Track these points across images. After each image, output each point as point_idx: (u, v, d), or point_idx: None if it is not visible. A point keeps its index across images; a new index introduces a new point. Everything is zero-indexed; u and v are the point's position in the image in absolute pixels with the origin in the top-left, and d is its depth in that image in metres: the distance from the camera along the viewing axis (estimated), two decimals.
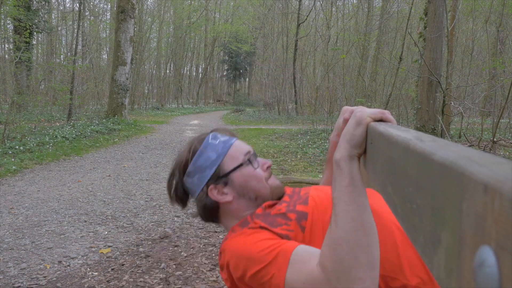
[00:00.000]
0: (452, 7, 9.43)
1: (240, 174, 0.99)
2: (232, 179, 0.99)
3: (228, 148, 1.01)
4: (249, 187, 0.99)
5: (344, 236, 0.66)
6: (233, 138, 1.04)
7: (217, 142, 1.01)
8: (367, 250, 0.66)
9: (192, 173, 1.01)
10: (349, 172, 0.66)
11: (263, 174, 1.01)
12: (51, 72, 15.47)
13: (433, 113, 7.74)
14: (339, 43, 19.97)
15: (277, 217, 0.94)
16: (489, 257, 0.19)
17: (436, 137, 0.34)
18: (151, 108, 23.40)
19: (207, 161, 1.00)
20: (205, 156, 1.00)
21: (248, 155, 1.01)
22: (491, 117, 9.63)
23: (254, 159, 1.02)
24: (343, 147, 0.67)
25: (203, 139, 1.03)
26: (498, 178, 0.19)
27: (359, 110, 0.68)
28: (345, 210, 0.66)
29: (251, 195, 1.00)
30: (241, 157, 1.00)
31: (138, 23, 19.95)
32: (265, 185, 1.00)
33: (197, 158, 1.01)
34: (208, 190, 1.00)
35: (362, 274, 0.65)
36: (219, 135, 1.04)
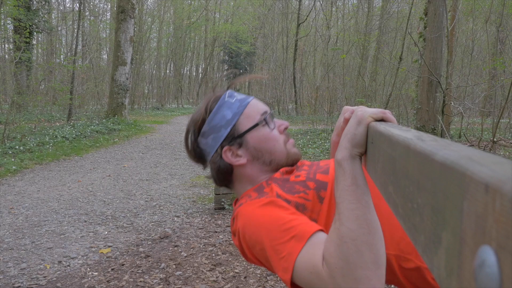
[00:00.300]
0: (452, 7, 9.44)
1: (255, 134, 0.95)
2: (247, 140, 0.95)
3: (245, 107, 0.96)
4: (264, 149, 0.96)
5: (349, 234, 0.65)
6: (250, 97, 1.00)
7: (233, 101, 0.97)
8: (372, 248, 0.65)
9: (207, 133, 0.98)
10: (351, 172, 0.66)
11: (280, 136, 0.98)
12: (51, 72, 15.47)
13: (433, 113, 7.74)
14: (339, 43, 19.98)
15: (295, 184, 0.91)
16: (489, 257, 0.19)
17: (437, 137, 0.34)
18: (151, 108, 23.40)
19: (222, 120, 0.96)
20: (221, 115, 0.96)
21: (265, 115, 0.97)
22: (491, 117, 9.64)
23: (271, 120, 0.98)
24: (345, 146, 0.66)
25: (219, 97, 0.99)
26: (499, 178, 0.19)
27: (360, 110, 0.67)
28: (349, 208, 0.66)
29: (266, 158, 0.96)
30: (258, 116, 0.96)
31: (138, 23, 19.95)
32: (282, 147, 0.97)
33: (212, 116, 0.97)
34: (223, 152, 0.96)
35: (368, 273, 0.64)
36: (235, 93, 1.00)
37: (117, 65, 11.96)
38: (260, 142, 0.95)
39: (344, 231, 0.65)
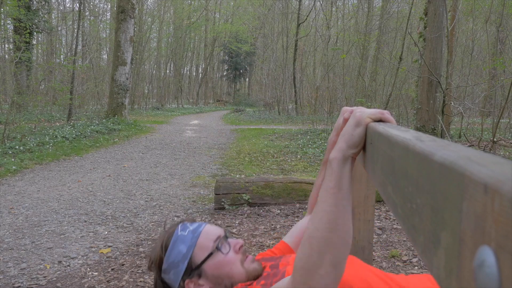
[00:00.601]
0: (452, 7, 9.44)
1: (211, 263, 0.98)
2: (205, 270, 0.99)
3: (197, 238, 1.00)
4: (223, 274, 0.98)
5: (316, 234, 0.68)
6: (202, 224, 1.03)
7: (186, 233, 1.01)
8: (334, 250, 0.67)
9: (167, 270, 1.01)
10: (338, 174, 0.67)
11: (235, 257, 0.99)
12: (51, 72, 15.48)
13: (433, 113, 7.74)
14: (339, 43, 19.98)
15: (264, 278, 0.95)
16: (489, 257, 0.19)
17: (436, 137, 0.34)
18: (151, 108, 23.41)
19: (178, 255, 0.99)
20: (176, 251, 1.00)
21: (218, 241, 1.00)
22: (491, 117, 9.64)
23: (225, 243, 1.00)
24: (339, 147, 0.67)
25: (172, 232, 1.03)
26: (498, 178, 0.18)
27: (358, 111, 0.68)
28: (324, 210, 0.68)
29: (227, 282, 0.99)
30: (211, 244, 0.99)
31: (138, 23, 19.95)
32: (239, 268, 0.99)
33: (169, 253, 1.01)
34: (185, 285, 1.00)
35: (323, 272, 0.67)
36: (188, 224, 1.04)
37: (117, 65, 11.96)
38: (217, 269, 0.98)
39: (312, 231, 0.69)
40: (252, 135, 10.58)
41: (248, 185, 3.83)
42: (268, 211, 3.68)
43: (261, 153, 7.29)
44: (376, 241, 2.98)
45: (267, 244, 2.94)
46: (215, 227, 1.04)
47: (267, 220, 3.46)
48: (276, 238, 3.06)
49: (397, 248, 2.84)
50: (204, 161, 6.61)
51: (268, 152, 7.48)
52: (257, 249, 2.85)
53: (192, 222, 1.06)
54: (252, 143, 8.76)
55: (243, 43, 34.22)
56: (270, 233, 3.16)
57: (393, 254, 2.69)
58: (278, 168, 5.95)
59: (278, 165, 6.15)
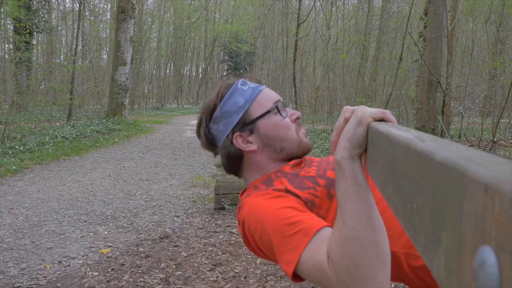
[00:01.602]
0: (452, 7, 9.44)
1: (267, 121, 0.95)
2: (259, 126, 0.95)
3: (257, 94, 0.97)
4: (276, 136, 0.96)
5: (353, 233, 0.65)
6: (263, 86, 1.01)
7: (246, 88, 0.98)
8: (377, 246, 0.65)
9: (218, 119, 0.98)
10: (351, 171, 0.65)
11: (291, 124, 0.97)
12: (51, 72, 15.48)
13: (433, 113, 7.74)
14: (339, 43, 19.99)
15: (305, 179, 0.91)
16: (489, 257, 0.19)
17: (437, 137, 0.34)
18: (151, 108, 23.40)
19: (234, 106, 0.96)
20: (233, 101, 0.96)
21: (278, 103, 0.97)
22: (491, 117, 9.64)
23: (283, 108, 0.98)
24: (344, 146, 0.66)
25: (231, 84, 0.99)
26: (498, 178, 0.19)
27: (360, 110, 0.67)
28: (351, 208, 0.65)
29: (277, 145, 0.96)
30: (270, 104, 0.96)
31: (138, 23, 19.95)
32: (294, 135, 0.97)
33: (224, 102, 0.97)
34: (233, 137, 0.96)
35: (374, 270, 0.64)
36: (248, 82, 1.00)
37: (117, 65, 11.96)
38: (271, 129, 0.95)
39: (348, 231, 0.65)
40: None
41: None
42: None
43: None
44: None
45: None
46: (274, 93, 1.00)
47: None
48: None
49: None
50: (204, 161, 6.61)
51: None
52: None
53: (253, 82, 1.02)
54: None
55: (243, 43, 34.20)
56: None
57: None
58: None
59: None
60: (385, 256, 0.66)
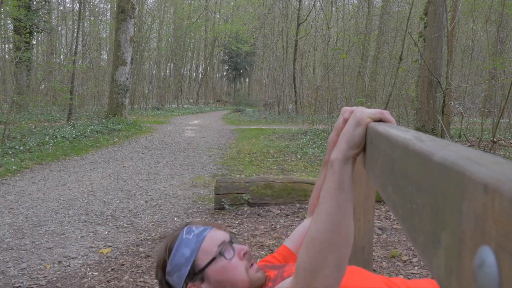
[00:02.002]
0: (452, 7, 9.43)
1: (214, 268, 0.97)
2: (208, 274, 0.98)
3: (201, 242, 0.99)
4: (225, 280, 0.97)
5: (319, 235, 0.68)
6: (207, 229, 1.02)
7: (191, 237, 1.00)
8: (337, 251, 0.68)
9: (171, 272, 1.01)
10: (340, 175, 0.67)
11: (239, 263, 0.98)
12: (51, 72, 15.48)
13: (433, 113, 7.74)
14: (339, 43, 19.98)
15: None
16: (489, 257, 0.19)
17: (436, 137, 0.34)
18: (151, 108, 23.41)
19: (182, 259, 0.99)
20: (180, 254, 0.99)
21: (222, 246, 0.98)
22: (491, 117, 9.63)
23: (229, 248, 0.99)
24: (341, 147, 0.67)
25: (177, 235, 1.03)
26: (498, 178, 0.18)
27: (359, 111, 0.67)
28: (327, 212, 0.68)
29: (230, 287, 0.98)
30: (214, 249, 0.98)
31: (138, 23, 19.95)
32: (243, 276, 0.97)
33: (173, 256, 1.00)
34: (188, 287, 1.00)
35: (327, 272, 0.67)
36: (193, 228, 1.03)
37: (117, 65, 11.96)
38: (219, 274, 0.97)
39: (315, 232, 0.69)
40: (252, 135, 10.58)
41: (248, 185, 3.83)
42: (268, 211, 3.68)
43: (261, 153, 7.29)
44: (376, 241, 2.98)
45: (267, 244, 2.94)
46: (221, 232, 1.03)
47: (267, 220, 3.46)
48: (276, 238, 3.06)
49: (397, 248, 2.84)
50: (204, 161, 6.61)
51: (268, 152, 7.48)
52: (257, 249, 2.85)
53: (198, 226, 1.05)
54: (252, 143, 8.76)
55: (243, 43, 34.23)
56: (270, 233, 3.16)
57: (393, 254, 2.69)
58: (278, 168, 5.94)
59: (278, 165, 6.15)
60: (342, 262, 0.69)
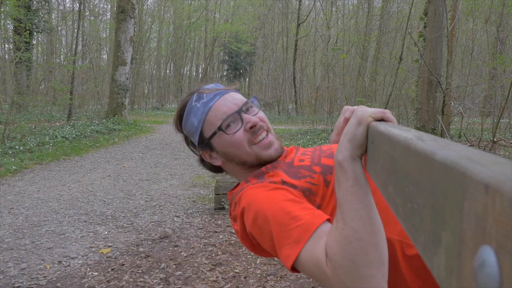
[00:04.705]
0: (452, 7, 9.43)
1: (218, 140, 0.95)
2: (214, 145, 0.96)
3: (207, 113, 0.95)
4: (230, 153, 0.95)
5: (354, 234, 0.66)
6: (216, 97, 0.96)
7: (199, 105, 0.97)
8: (377, 247, 0.66)
9: (188, 136, 1.01)
10: (353, 172, 0.66)
11: (243, 138, 0.93)
12: (51, 72, 15.48)
13: (433, 113, 7.74)
14: (339, 43, 19.99)
15: (300, 168, 0.90)
16: (489, 257, 0.19)
17: (437, 137, 0.34)
18: (151, 108, 23.41)
19: (192, 127, 0.98)
20: (190, 123, 0.98)
21: (228, 119, 0.93)
22: (491, 117, 9.63)
23: (236, 120, 0.94)
24: (345, 147, 0.67)
25: (186, 102, 0.99)
26: (498, 178, 0.19)
27: (360, 110, 0.67)
28: (353, 209, 0.66)
29: (237, 159, 0.96)
30: (218, 122, 0.94)
31: (138, 23, 19.95)
32: (247, 151, 0.94)
33: (184, 124, 0.99)
34: (201, 154, 1.00)
35: (373, 271, 0.65)
36: (204, 94, 0.98)
37: (117, 65, 11.96)
38: (224, 147, 0.96)
39: (349, 232, 0.66)
40: None
41: None
42: None
43: None
44: None
45: None
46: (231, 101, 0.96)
47: None
48: None
49: None
50: None
51: None
52: None
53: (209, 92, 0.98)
54: None
55: (243, 43, 34.20)
56: None
57: None
58: None
59: None
60: (383, 257, 0.67)
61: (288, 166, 0.92)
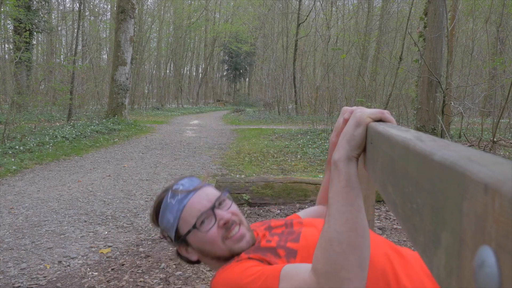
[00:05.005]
0: (452, 7, 9.43)
1: (193, 238, 0.98)
2: (189, 242, 0.99)
3: (181, 210, 0.98)
4: (205, 249, 0.99)
5: (337, 236, 0.67)
6: (189, 195, 0.99)
7: (174, 202, 1.00)
8: (358, 251, 0.67)
9: (164, 230, 1.04)
10: (346, 174, 0.66)
11: (217, 235, 0.96)
12: (51, 72, 15.48)
13: (433, 113, 7.74)
14: (339, 43, 20.00)
15: (267, 251, 0.94)
16: (489, 257, 0.19)
17: (436, 137, 0.34)
18: (151, 108, 23.41)
19: (168, 224, 1.00)
20: (166, 219, 1.01)
21: (202, 217, 0.96)
22: (491, 117, 9.63)
23: (210, 217, 0.97)
24: (342, 147, 0.67)
25: (162, 199, 1.03)
26: (498, 178, 0.19)
27: (358, 111, 0.67)
28: (340, 211, 0.67)
29: (211, 255, 0.99)
30: (192, 220, 0.97)
31: (138, 23, 19.95)
32: (220, 247, 0.97)
33: (160, 220, 1.02)
34: (178, 248, 1.04)
35: (351, 275, 0.66)
36: (178, 192, 1.01)
37: (117, 65, 11.96)
38: (199, 244, 0.99)
39: (332, 233, 0.67)
40: (252, 135, 10.58)
41: (248, 185, 3.83)
42: (268, 211, 3.68)
43: (261, 153, 7.29)
44: None
45: None
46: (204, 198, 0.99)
47: None
48: None
49: None
50: (204, 161, 6.61)
51: (268, 152, 7.48)
52: None
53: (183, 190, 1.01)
54: (252, 143, 8.76)
55: (243, 43, 34.22)
56: None
57: None
58: (278, 168, 5.94)
59: (278, 165, 6.15)
60: (364, 262, 0.68)
61: (255, 249, 0.97)
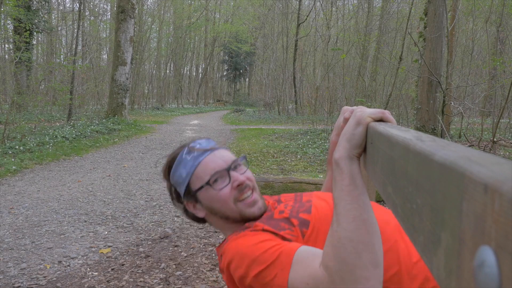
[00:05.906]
0: (452, 7, 9.43)
1: (204, 194, 0.98)
2: (200, 198, 0.99)
3: (196, 166, 0.99)
4: (215, 207, 0.98)
5: (347, 235, 0.66)
6: (206, 153, 1.00)
7: (189, 158, 1.00)
8: (370, 248, 0.65)
9: (174, 185, 1.04)
10: (349, 172, 0.66)
11: (229, 195, 0.96)
12: (51, 72, 15.47)
13: (433, 113, 7.74)
14: (339, 43, 20.00)
15: (280, 221, 0.94)
16: (489, 257, 0.19)
17: (436, 137, 0.34)
18: (151, 108, 23.40)
19: (179, 178, 1.01)
20: (178, 173, 1.01)
21: (216, 175, 0.97)
22: (491, 117, 9.63)
23: (224, 177, 0.97)
24: (343, 146, 0.67)
25: (177, 153, 1.04)
26: (498, 178, 0.19)
27: (359, 110, 0.67)
28: (346, 209, 0.66)
29: (220, 214, 0.99)
30: (206, 177, 0.97)
31: (138, 23, 19.95)
32: (231, 207, 0.97)
33: (172, 174, 1.03)
34: (185, 204, 1.03)
35: (366, 273, 0.65)
36: (194, 149, 1.02)
37: (117, 65, 11.96)
38: (209, 201, 0.99)
39: (342, 232, 0.66)
40: (252, 135, 10.58)
41: None
42: None
43: (261, 153, 7.29)
44: None
45: None
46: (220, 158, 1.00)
47: None
48: None
49: None
50: None
51: (268, 152, 7.48)
52: None
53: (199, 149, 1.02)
54: (252, 143, 8.76)
55: (243, 43, 34.23)
56: None
57: None
58: (278, 168, 5.94)
59: (278, 165, 6.15)
60: (378, 258, 0.66)
61: (268, 219, 0.96)
